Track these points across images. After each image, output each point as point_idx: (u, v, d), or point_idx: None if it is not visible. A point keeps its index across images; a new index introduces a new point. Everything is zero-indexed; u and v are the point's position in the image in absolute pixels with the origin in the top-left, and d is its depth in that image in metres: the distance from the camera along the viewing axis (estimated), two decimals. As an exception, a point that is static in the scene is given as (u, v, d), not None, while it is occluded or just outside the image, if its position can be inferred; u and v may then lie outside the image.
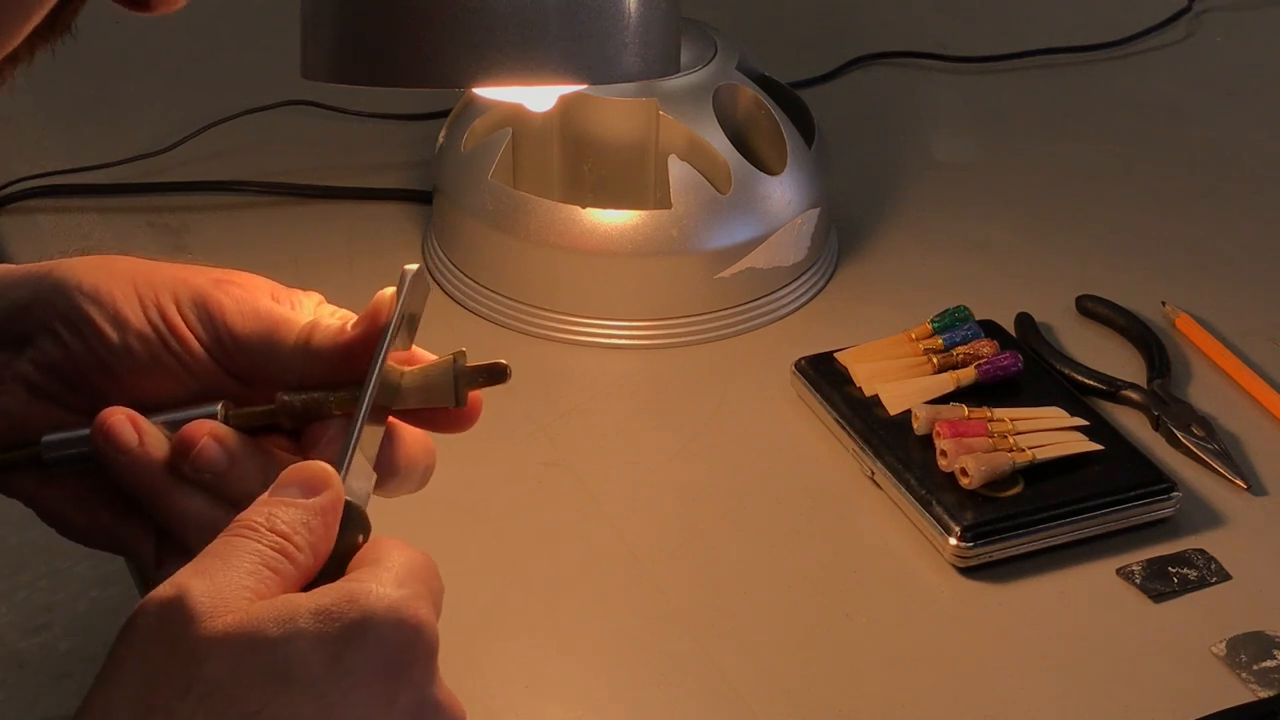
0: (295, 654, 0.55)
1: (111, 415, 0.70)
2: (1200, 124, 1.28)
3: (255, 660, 0.55)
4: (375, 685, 0.56)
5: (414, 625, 0.57)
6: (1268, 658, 0.79)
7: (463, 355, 0.69)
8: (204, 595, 0.56)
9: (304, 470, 0.62)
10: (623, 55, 0.70)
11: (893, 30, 1.39)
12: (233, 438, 0.70)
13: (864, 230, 1.12)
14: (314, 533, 0.60)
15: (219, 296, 0.72)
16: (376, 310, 0.70)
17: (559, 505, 0.89)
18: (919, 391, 0.92)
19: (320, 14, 0.70)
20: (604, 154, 1.04)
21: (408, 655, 0.57)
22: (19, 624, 1.97)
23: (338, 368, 0.70)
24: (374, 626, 0.56)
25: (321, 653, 0.55)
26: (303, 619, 0.56)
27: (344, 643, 0.56)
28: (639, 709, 0.78)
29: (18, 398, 0.72)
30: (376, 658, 0.56)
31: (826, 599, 0.83)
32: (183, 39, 1.37)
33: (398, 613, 0.57)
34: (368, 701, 0.56)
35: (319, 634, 0.56)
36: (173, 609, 0.56)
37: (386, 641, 0.56)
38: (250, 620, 0.56)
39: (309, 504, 0.60)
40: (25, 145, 1.21)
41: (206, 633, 0.55)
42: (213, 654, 0.55)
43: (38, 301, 0.72)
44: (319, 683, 0.55)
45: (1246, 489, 0.89)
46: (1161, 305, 1.04)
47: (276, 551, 0.58)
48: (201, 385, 0.72)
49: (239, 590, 0.57)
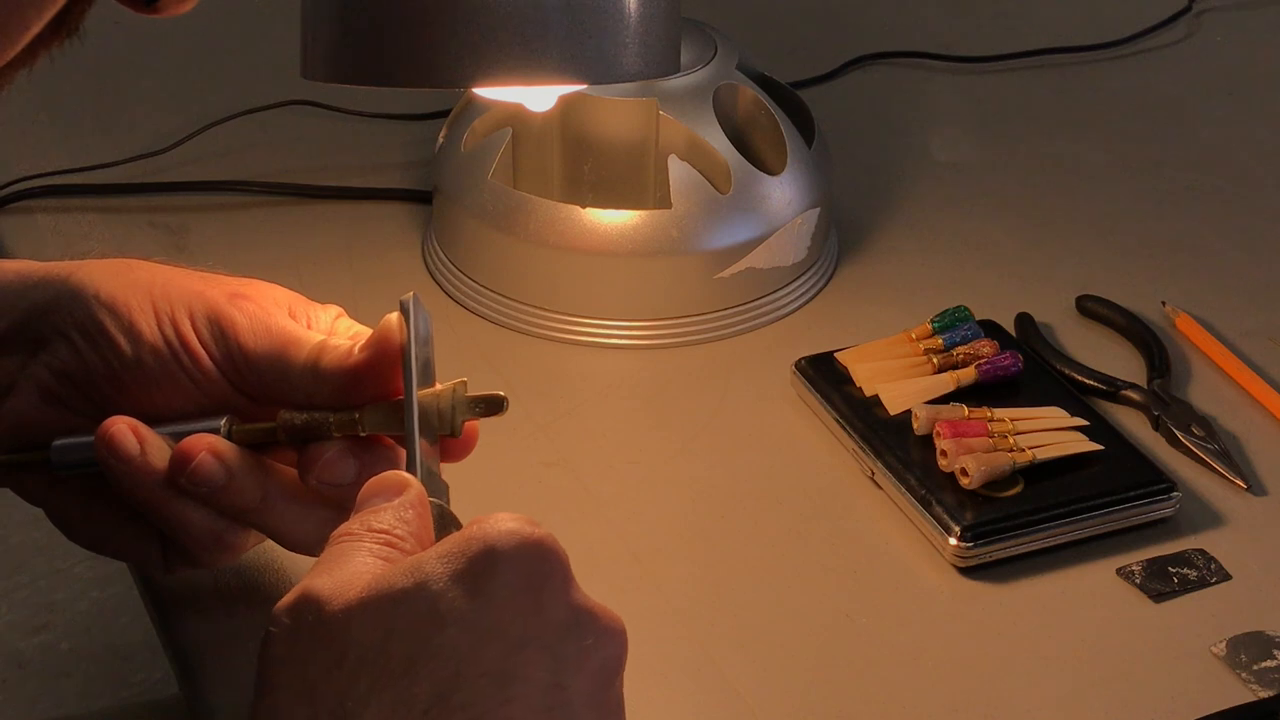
0: (434, 594, 0.56)
1: (114, 424, 0.70)
2: (1200, 124, 1.28)
3: (398, 611, 0.56)
4: (520, 602, 0.57)
5: (536, 541, 0.58)
6: (1268, 658, 0.79)
7: (463, 385, 0.70)
8: (327, 584, 0.57)
9: (381, 481, 0.63)
10: (623, 55, 0.70)
11: (893, 30, 1.39)
12: (232, 453, 0.70)
13: (864, 230, 1.12)
14: (411, 524, 0.61)
15: (233, 313, 0.72)
16: (383, 336, 0.70)
17: (559, 505, 0.89)
18: (919, 391, 0.92)
19: (320, 14, 0.71)
20: (604, 154, 1.04)
21: (542, 568, 0.58)
22: (19, 624, 1.97)
23: (344, 390, 0.70)
24: (500, 551, 0.57)
25: (458, 586, 0.56)
26: (429, 564, 0.57)
27: (476, 572, 0.57)
28: (639, 709, 0.78)
29: (31, 401, 0.72)
30: (512, 578, 0.57)
31: (826, 599, 0.83)
32: (183, 39, 1.37)
33: (518, 535, 0.58)
34: (518, 619, 0.56)
35: (450, 572, 0.56)
36: (301, 605, 0.57)
37: (517, 561, 0.57)
38: (379, 581, 0.56)
39: (397, 502, 0.61)
40: (25, 145, 1.21)
41: (341, 605, 0.56)
42: (353, 621, 0.56)
43: (56, 306, 0.72)
44: (465, 614, 0.56)
45: (1246, 489, 0.89)
46: (1161, 305, 1.04)
47: (384, 545, 0.59)
48: (211, 400, 0.72)
49: (360, 572, 0.57)
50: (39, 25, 0.53)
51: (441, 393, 0.70)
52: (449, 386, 0.70)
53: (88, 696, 1.87)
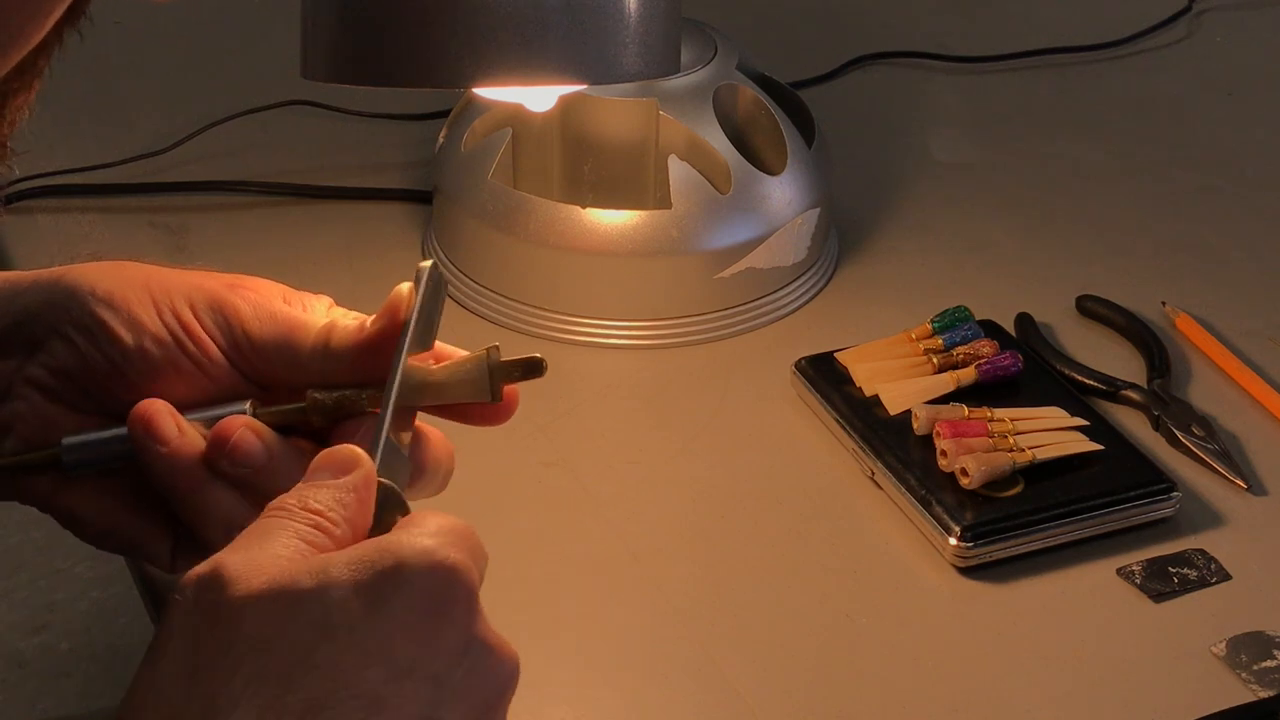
0: (332, 602, 0.55)
1: (151, 406, 0.69)
2: (1200, 124, 1.28)
3: (292, 612, 0.55)
4: (416, 627, 0.56)
5: (448, 567, 0.57)
6: (1268, 658, 0.79)
7: (496, 350, 0.69)
8: (238, 564, 0.56)
9: (332, 454, 0.61)
10: (623, 55, 0.70)
11: (893, 30, 1.39)
12: (269, 432, 0.70)
13: (864, 230, 1.12)
14: (349, 509, 0.60)
15: (234, 300, 0.72)
16: (394, 306, 0.70)
17: (558, 505, 0.89)
18: (919, 391, 0.92)
19: (320, 14, 0.71)
20: (604, 154, 1.04)
21: (446, 594, 0.56)
22: (19, 624, 1.97)
23: (359, 366, 0.70)
24: (408, 570, 0.56)
25: (358, 599, 0.55)
26: (335, 569, 0.56)
27: (379, 587, 0.56)
28: (639, 709, 0.78)
29: (31, 402, 0.72)
30: (413, 600, 0.56)
31: (826, 599, 0.83)
32: (183, 39, 1.37)
33: (430, 555, 0.56)
34: (410, 643, 0.55)
35: (354, 581, 0.56)
36: (208, 580, 0.56)
37: (422, 583, 0.56)
38: (284, 575, 0.56)
39: (341, 483, 0.60)
40: (25, 145, 1.21)
41: (242, 592, 0.55)
42: (249, 611, 0.55)
43: (50, 307, 0.72)
44: (358, 629, 0.55)
45: (1246, 489, 0.89)
46: (1161, 305, 1.04)
47: (312, 527, 0.58)
48: (218, 388, 0.72)
49: (274, 559, 0.57)
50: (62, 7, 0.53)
51: (475, 359, 0.69)
52: (481, 353, 0.69)
53: (88, 696, 1.87)
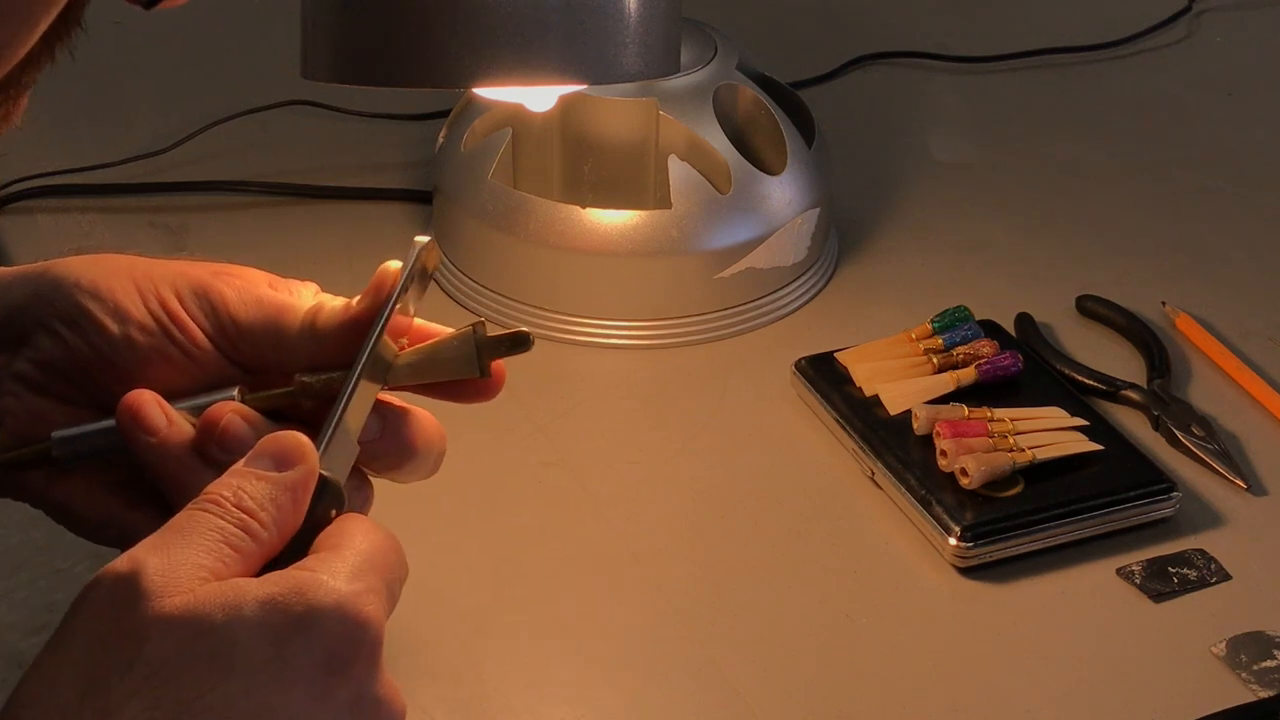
0: (237, 642, 0.55)
1: (139, 396, 0.69)
2: (1200, 124, 1.28)
3: (197, 645, 0.55)
4: (314, 680, 0.55)
5: (359, 623, 0.56)
6: (1268, 658, 0.79)
7: (482, 325, 0.69)
8: (157, 573, 0.56)
9: (280, 441, 0.61)
10: (623, 55, 0.70)
11: (893, 30, 1.39)
12: (258, 417, 0.70)
13: (864, 230, 1.12)
14: (281, 509, 0.59)
15: (220, 286, 0.72)
16: (381, 282, 0.69)
17: (558, 505, 0.89)
18: (919, 391, 0.92)
19: (320, 14, 0.71)
20: (604, 154, 1.04)
21: (350, 652, 0.56)
22: (19, 624, 1.97)
23: (346, 347, 0.70)
24: (319, 621, 0.56)
25: (263, 643, 0.55)
26: (248, 607, 0.55)
27: (286, 635, 0.55)
28: (639, 709, 0.78)
29: (18, 397, 0.72)
30: (318, 653, 0.56)
31: (826, 599, 0.83)
32: (183, 39, 1.37)
33: (343, 609, 0.56)
34: (305, 696, 0.55)
35: (262, 623, 0.55)
36: (124, 584, 0.56)
37: (329, 637, 0.56)
38: (196, 603, 0.55)
39: (280, 478, 0.60)
40: (25, 145, 1.21)
41: (153, 612, 0.55)
42: (156, 634, 0.55)
43: (34, 301, 0.72)
44: (257, 674, 0.55)
45: (1246, 489, 0.89)
46: (1161, 305, 1.04)
47: (239, 528, 0.58)
48: (206, 375, 0.72)
49: (194, 569, 0.56)
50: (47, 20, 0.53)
51: (461, 335, 0.69)
52: (467, 329, 0.69)
53: (87, 696, 1.87)
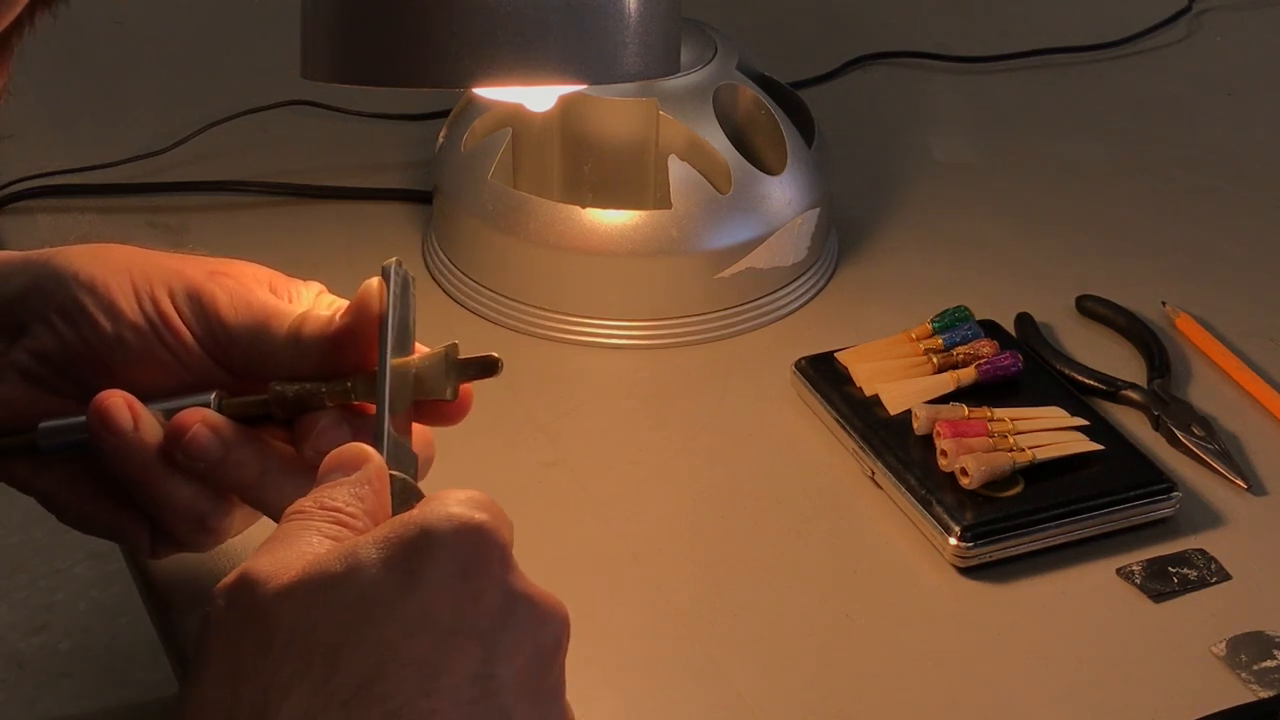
0: (365, 582, 0.55)
1: (109, 398, 0.69)
2: (1200, 124, 1.28)
3: (327, 597, 0.55)
4: (454, 590, 0.55)
5: (475, 527, 0.57)
6: (1268, 658, 0.79)
7: (455, 348, 0.69)
8: (265, 566, 0.56)
9: (339, 454, 0.62)
10: (623, 55, 0.70)
11: (893, 30, 1.39)
12: (227, 426, 0.70)
13: (864, 230, 1.12)
14: (366, 501, 0.60)
15: (212, 289, 0.72)
16: (363, 301, 0.70)
17: (558, 505, 0.89)
18: (919, 391, 0.92)
19: (320, 14, 0.71)
20: (604, 154, 1.04)
21: (478, 554, 0.56)
22: (19, 624, 1.97)
23: (327, 359, 0.70)
24: (436, 536, 0.56)
25: (390, 574, 0.55)
26: (364, 550, 0.56)
27: (410, 559, 0.55)
28: (639, 709, 0.78)
29: (14, 386, 0.72)
30: (446, 565, 0.56)
31: (826, 599, 0.83)
32: (183, 39, 1.37)
33: (455, 519, 0.57)
34: (451, 607, 0.55)
35: (384, 558, 0.55)
36: (238, 586, 0.56)
37: (452, 547, 0.56)
38: (313, 565, 0.56)
39: (354, 477, 0.60)
40: (25, 145, 1.21)
41: (274, 588, 0.55)
42: (283, 606, 0.55)
43: (35, 290, 0.72)
44: (394, 603, 0.55)
45: (1246, 489, 0.89)
46: (1161, 305, 1.04)
47: (333, 524, 0.58)
48: (195, 377, 0.72)
49: (300, 555, 0.57)
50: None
51: (433, 357, 0.69)
52: (440, 350, 0.69)
53: (87, 696, 1.87)
